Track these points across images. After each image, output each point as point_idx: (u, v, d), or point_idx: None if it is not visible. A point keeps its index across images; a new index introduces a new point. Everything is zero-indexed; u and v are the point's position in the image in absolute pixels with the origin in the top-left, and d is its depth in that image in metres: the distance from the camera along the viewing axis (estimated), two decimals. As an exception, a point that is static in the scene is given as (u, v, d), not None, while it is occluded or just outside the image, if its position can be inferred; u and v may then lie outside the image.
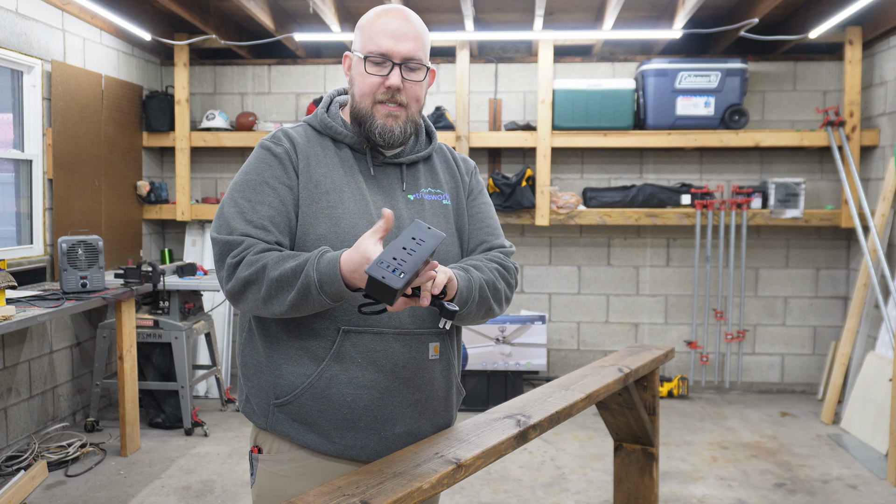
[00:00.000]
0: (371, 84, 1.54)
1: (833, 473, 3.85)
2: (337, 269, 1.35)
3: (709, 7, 4.82)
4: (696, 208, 5.13)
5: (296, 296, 1.40)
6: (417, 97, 1.59)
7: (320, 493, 1.24)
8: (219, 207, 1.55)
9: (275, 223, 1.51)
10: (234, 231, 1.47)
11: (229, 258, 1.46)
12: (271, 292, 1.42)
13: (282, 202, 1.52)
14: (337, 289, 1.36)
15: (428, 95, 5.50)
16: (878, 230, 4.64)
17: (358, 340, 1.50)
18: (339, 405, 1.50)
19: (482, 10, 5.03)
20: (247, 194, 1.52)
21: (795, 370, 5.46)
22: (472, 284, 1.50)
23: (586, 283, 5.55)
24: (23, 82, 4.14)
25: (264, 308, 1.45)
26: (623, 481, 2.57)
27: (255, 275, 1.43)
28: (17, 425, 3.94)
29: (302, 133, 1.62)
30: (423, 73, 1.58)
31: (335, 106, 1.67)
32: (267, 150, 1.57)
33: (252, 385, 1.59)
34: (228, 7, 4.96)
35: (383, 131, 1.56)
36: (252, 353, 1.60)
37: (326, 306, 1.41)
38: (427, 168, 1.69)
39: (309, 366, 1.51)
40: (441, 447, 1.48)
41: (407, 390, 1.53)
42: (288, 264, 1.41)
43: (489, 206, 1.74)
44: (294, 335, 1.53)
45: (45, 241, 4.25)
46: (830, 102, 5.29)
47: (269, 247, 1.47)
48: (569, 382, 2.05)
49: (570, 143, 5.16)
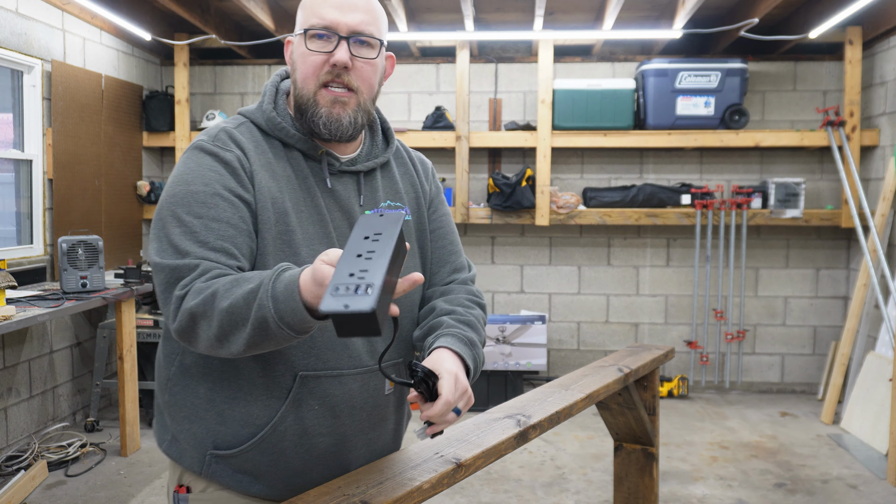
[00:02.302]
0: (314, 63, 1.28)
1: (833, 473, 3.85)
2: (296, 293, 1.06)
3: (709, 7, 4.82)
4: (696, 208, 5.13)
5: (252, 333, 1.10)
6: (370, 81, 1.32)
7: (320, 493, 1.24)
8: (155, 226, 1.24)
9: (237, 245, 1.22)
10: (187, 254, 1.18)
11: (177, 289, 1.16)
12: (224, 328, 1.12)
13: (242, 219, 1.24)
14: (299, 319, 1.07)
15: (428, 95, 5.53)
16: (878, 230, 4.64)
17: (316, 386, 1.29)
18: (291, 458, 1.31)
19: (482, 10, 5.02)
20: (194, 209, 1.21)
21: (795, 370, 5.46)
22: (479, 364, 1.34)
23: (586, 283, 5.55)
24: (23, 82, 4.14)
25: (220, 348, 1.15)
26: (623, 481, 2.57)
27: (203, 306, 1.12)
28: (17, 425, 3.94)
29: (248, 134, 1.34)
30: (377, 51, 1.31)
31: (282, 98, 1.40)
32: (213, 156, 1.27)
33: (183, 430, 1.33)
34: (228, 7, 4.96)
35: (328, 121, 1.30)
36: (185, 394, 1.33)
37: (294, 340, 1.12)
38: (385, 176, 1.45)
39: (259, 416, 1.28)
40: (441, 447, 1.47)
41: (362, 432, 1.37)
42: (240, 290, 1.11)
43: (449, 218, 1.54)
44: (242, 378, 1.29)
45: (45, 241, 4.25)
46: (830, 102, 5.29)
47: (226, 272, 1.18)
48: (569, 382, 2.05)
49: (570, 143, 5.16)
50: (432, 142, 5.22)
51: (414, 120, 5.52)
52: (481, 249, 5.57)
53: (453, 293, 1.46)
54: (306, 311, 1.06)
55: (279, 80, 1.42)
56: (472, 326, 1.38)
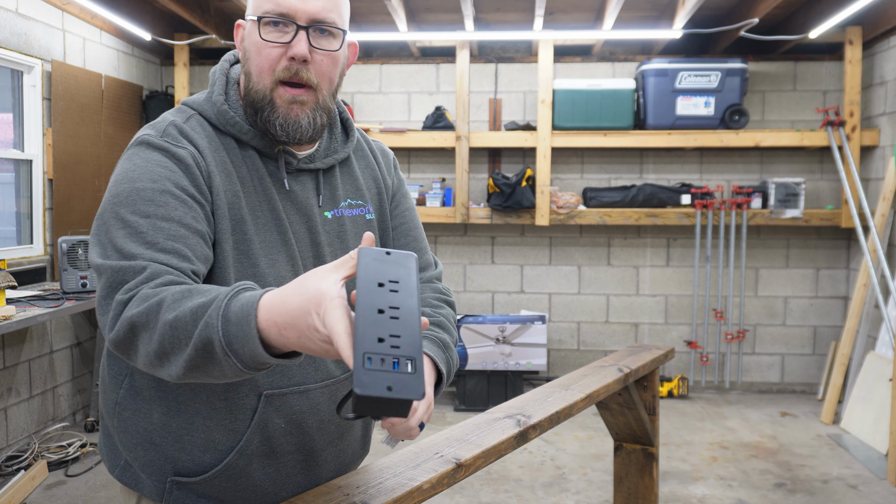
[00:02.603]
0: (269, 57, 1.14)
1: (833, 473, 3.85)
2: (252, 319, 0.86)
3: (709, 7, 4.82)
4: (697, 208, 5.13)
5: (193, 355, 0.91)
6: (330, 75, 1.18)
7: (320, 493, 1.24)
8: (96, 231, 1.08)
9: (190, 247, 1.05)
10: (133, 257, 1.01)
11: (120, 293, 0.98)
12: (164, 345, 0.93)
13: (195, 219, 1.08)
14: (251, 351, 0.87)
15: (428, 95, 5.53)
16: (879, 230, 4.63)
17: (282, 404, 1.18)
18: (259, 480, 1.21)
19: (482, 9, 5.02)
20: (140, 208, 1.05)
21: (795, 370, 5.46)
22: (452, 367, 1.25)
23: (586, 283, 5.55)
24: (23, 82, 4.14)
25: (160, 367, 0.97)
26: (623, 481, 2.56)
27: (146, 315, 0.95)
28: (17, 425, 3.94)
29: (199, 129, 1.18)
30: (339, 42, 1.17)
31: (233, 88, 1.24)
32: (163, 151, 1.12)
33: (138, 457, 1.19)
34: (228, 7, 4.96)
35: (286, 123, 1.16)
36: (137, 418, 1.19)
37: (243, 375, 0.92)
38: (345, 172, 1.32)
39: (222, 441, 1.17)
40: (441, 447, 1.47)
41: (331, 444, 1.28)
42: (190, 302, 0.93)
43: (413, 213, 1.42)
44: (200, 400, 1.16)
45: (45, 241, 4.25)
46: (830, 102, 5.29)
47: (179, 279, 1.01)
48: (569, 382, 2.05)
49: (570, 143, 5.16)
50: (432, 142, 5.22)
51: (414, 120, 5.52)
52: (481, 249, 5.57)
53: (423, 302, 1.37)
54: (261, 345, 0.86)
55: (228, 67, 1.27)
56: (442, 327, 1.29)
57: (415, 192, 5.28)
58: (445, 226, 5.54)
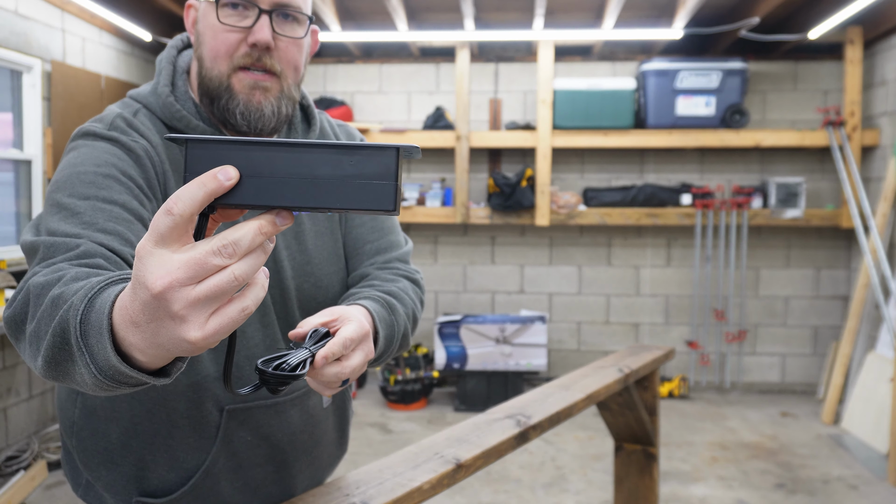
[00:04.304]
0: (227, 42, 1.04)
1: (833, 474, 3.85)
2: (105, 313, 0.64)
3: (709, 7, 4.82)
4: (697, 208, 5.13)
5: (50, 342, 0.72)
6: (296, 63, 1.10)
7: (320, 493, 1.24)
8: (31, 222, 0.98)
9: (134, 232, 0.93)
10: (67, 235, 0.88)
11: (39, 266, 0.85)
12: (40, 325, 0.75)
13: (142, 206, 0.98)
14: (103, 356, 0.63)
15: (428, 95, 5.53)
16: (879, 230, 4.63)
17: (247, 418, 1.13)
18: (228, 495, 1.16)
19: (482, 9, 5.02)
20: (79, 190, 0.94)
21: (796, 370, 5.46)
22: (396, 332, 1.09)
23: (586, 284, 5.55)
24: (22, 82, 4.14)
25: (32, 356, 0.78)
26: (623, 482, 2.56)
27: (42, 287, 0.79)
28: (17, 425, 3.93)
29: (147, 124, 1.08)
30: (304, 28, 1.09)
31: (182, 78, 1.13)
32: (112, 141, 1.02)
33: (100, 477, 1.12)
34: (228, 7, 4.96)
35: (247, 110, 1.06)
36: (95, 439, 1.12)
37: (106, 388, 0.66)
38: None
39: (188, 459, 1.11)
40: (441, 447, 1.47)
41: (304, 453, 1.23)
42: (82, 282, 0.75)
43: None
44: (158, 418, 1.08)
45: (45, 241, 4.24)
46: (831, 102, 5.29)
47: (114, 265, 0.86)
48: (569, 382, 2.05)
49: (570, 143, 5.16)
50: (432, 142, 5.21)
51: (414, 120, 5.52)
52: (481, 249, 5.57)
53: (375, 276, 1.22)
54: (109, 338, 0.63)
55: (176, 54, 1.15)
56: (393, 295, 1.15)
57: (415, 192, 5.28)
58: (445, 226, 5.54)
